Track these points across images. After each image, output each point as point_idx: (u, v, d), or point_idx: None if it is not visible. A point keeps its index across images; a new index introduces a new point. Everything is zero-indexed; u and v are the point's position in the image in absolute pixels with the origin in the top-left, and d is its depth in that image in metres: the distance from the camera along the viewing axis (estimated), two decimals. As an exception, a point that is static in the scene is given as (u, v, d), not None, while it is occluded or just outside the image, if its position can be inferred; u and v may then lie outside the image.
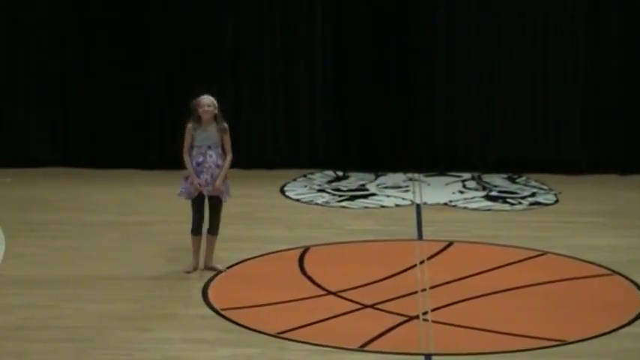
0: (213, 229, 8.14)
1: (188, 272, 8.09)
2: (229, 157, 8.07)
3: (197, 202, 8.08)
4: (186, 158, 8.07)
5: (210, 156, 8.00)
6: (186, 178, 8.08)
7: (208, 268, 8.15)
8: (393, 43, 11.22)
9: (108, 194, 10.46)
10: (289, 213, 9.86)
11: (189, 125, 8.05)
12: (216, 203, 8.10)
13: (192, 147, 8.05)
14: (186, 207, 10.01)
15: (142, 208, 9.99)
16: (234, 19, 11.24)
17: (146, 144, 11.39)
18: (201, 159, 8.01)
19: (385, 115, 11.30)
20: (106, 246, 8.86)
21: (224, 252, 8.62)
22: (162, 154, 11.37)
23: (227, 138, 8.07)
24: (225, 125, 8.09)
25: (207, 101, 8.06)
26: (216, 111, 8.05)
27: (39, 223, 9.51)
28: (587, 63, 11.12)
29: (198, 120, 8.03)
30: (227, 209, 9.96)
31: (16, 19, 11.26)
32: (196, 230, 8.12)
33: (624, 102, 11.13)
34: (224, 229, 9.28)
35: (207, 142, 8.01)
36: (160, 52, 11.26)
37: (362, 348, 6.83)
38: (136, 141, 11.38)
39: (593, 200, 10.31)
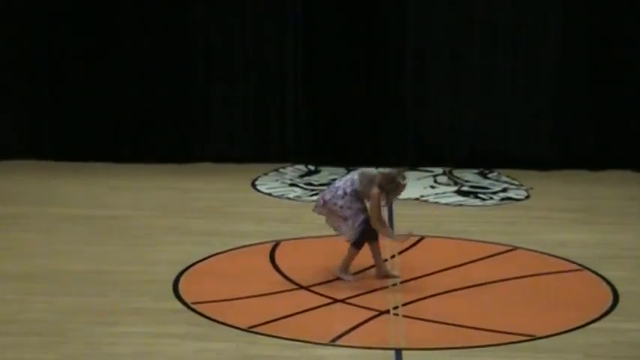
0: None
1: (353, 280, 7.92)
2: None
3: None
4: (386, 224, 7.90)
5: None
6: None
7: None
8: (364, 39, 11.21)
9: (76, 187, 10.38)
10: (260, 207, 9.83)
11: (381, 195, 7.67)
12: None
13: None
14: (155, 201, 9.98)
15: (112, 202, 9.93)
16: (204, 12, 11.18)
17: (117, 137, 11.32)
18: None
19: (356, 110, 11.29)
20: (75, 240, 8.79)
21: (194, 246, 8.58)
22: (133, 147, 11.30)
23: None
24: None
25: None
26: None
27: (5, 216, 9.42)
28: (558, 59, 11.15)
29: (394, 194, 7.76)
30: (198, 203, 9.97)
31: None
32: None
33: (594, 98, 11.17)
34: (193, 223, 9.26)
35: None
36: (131, 43, 11.18)
37: (332, 342, 6.82)
38: (107, 133, 11.30)
39: (563, 196, 10.35)
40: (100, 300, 7.46)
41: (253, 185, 10.58)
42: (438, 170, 11.13)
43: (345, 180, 7.94)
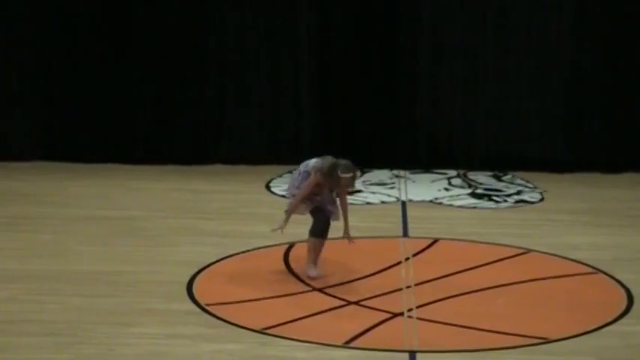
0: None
1: (317, 276, 7.95)
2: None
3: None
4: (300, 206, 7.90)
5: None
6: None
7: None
8: (378, 40, 11.21)
9: (90, 188, 10.41)
10: (274, 208, 9.82)
11: (317, 181, 7.74)
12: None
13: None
14: (169, 202, 10.00)
15: (126, 203, 9.95)
16: (219, 14, 11.20)
17: (130, 138, 11.34)
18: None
19: (370, 112, 11.29)
20: (89, 240, 8.81)
21: (208, 247, 8.59)
22: (147, 148, 11.33)
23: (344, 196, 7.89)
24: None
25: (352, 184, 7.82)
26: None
27: (20, 217, 9.45)
28: (572, 61, 11.13)
29: (335, 186, 7.78)
30: (213, 204, 9.98)
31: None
32: (324, 231, 7.98)
33: (608, 100, 11.15)
34: (207, 224, 9.27)
35: (326, 203, 7.88)
36: (145, 44, 11.20)
37: (346, 344, 6.81)
38: (120, 135, 11.33)
39: (576, 199, 10.33)
40: (113, 301, 7.48)
41: (267, 187, 10.59)
42: (452, 172, 11.13)
43: (306, 164, 7.94)
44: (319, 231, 7.91)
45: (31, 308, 7.31)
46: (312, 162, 7.90)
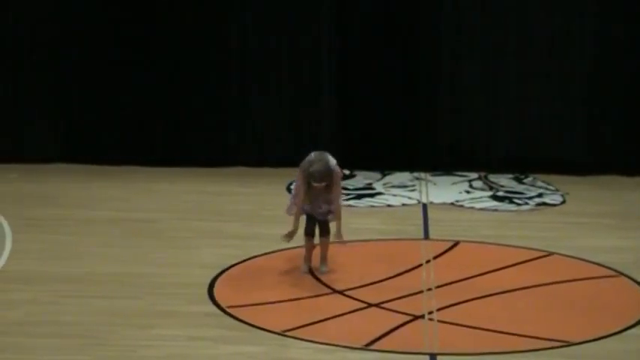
0: (325, 230, 8.00)
1: (304, 273, 8.02)
2: (338, 210, 7.91)
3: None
4: (298, 216, 7.93)
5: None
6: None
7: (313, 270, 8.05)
8: (399, 42, 11.20)
9: (111, 190, 10.44)
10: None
11: (301, 184, 7.83)
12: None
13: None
14: (190, 204, 10.03)
15: (145, 205, 9.98)
16: (239, 17, 11.22)
17: (149, 140, 11.37)
18: (310, 210, 7.96)
19: (391, 114, 11.27)
20: (110, 242, 8.84)
21: (229, 249, 8.61)
22: (165, 150, 11.35)
23: (337, 185, 7.90)
24: (337, 173, 7.88)
25: (320, 177, 7.75)
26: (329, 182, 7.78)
27: (42, 218, 9.50)
28: (594, 63, 11.08)
29: (309, 186, 7.81)
30: (234, 206, 9.99)
31: (18, 17, 11.24)
32: (309, 230, 8.01)
33: (630, 102, 11.09)
34: (228, 226, 9.28)
35: (318, 201, 7.90)
36: (166, 47, 11.23)
37: (367, 347, 6.81)
38: (140, 137, 11.35)
39: (599, 201, 10.28)
40: (134, 302, 7.50)
41: (288, 189, 10.59)
42: (473, 175, 11.10)
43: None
44: (307, 230, 7.98)
45: (52, 310, 7.34)
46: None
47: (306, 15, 11.20)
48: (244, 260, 8.39)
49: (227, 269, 8.20)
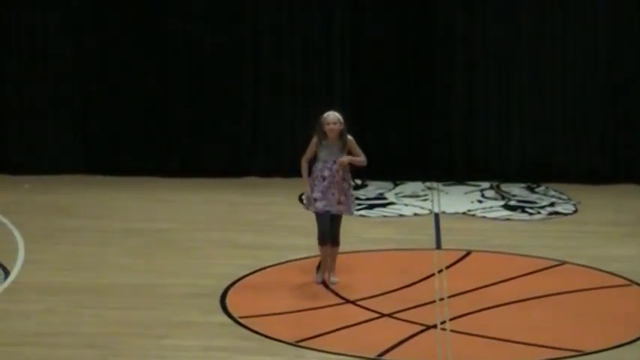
0: (334, 241, 8.05)
1: (318, 283, 8.06)
2: (363, 157, 8.00)
3: (321, 214, 7.99)
4: (304, 166, 7.98)
5: (338, 171, 7.91)
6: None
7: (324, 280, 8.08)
8: (412, 52, 11.23)
9: (128, 201, 10.50)
10: (307, 221, 9.86)
11: (315, 139, 7.94)
12: (336, 216, 8.01)
13: (314, 159, 7.93)
14: (204, 214, 10.07)
15: (162, 216, 10.03)
16: (252, 29, 11.27)
17: (166, 151, 11.43)
18: (327, 173, 7.93)
19: (404, 124, 11.31)
20: (125, 253, 8.89)
21: (242, 259, 8.64)
22: (182, 161, 11.41)
23: (355, 148, 7.99)
24: (350, 138, 7.99)
25: (334, 118, 7.94)
26: (342, 127, 7.93)
27: (59, 229, 9.55)
28: (608, 71, 11.09)
29: (324, 136, 7.92)
30: (247, 216, 10.03)
31: (33, 27, 11.32)
32: (322, 240, 8.04)
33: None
34: (242, 236, 9.32)
35: (332, 157, 7.93)
36: (180, 59, 11.30)
37: (379, 357, 6.83)
38: (156, 148, 11.42)
39: (611, 210, 10.28)
40: (149, 313, 7.54)
41: (301, 200, 10.62)
42: (485, 184, 11.12)
43: None
44: (320, 239, 8.00)
45: (69, 320, 7.38)
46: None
47: (320, 23, 11.24)
48: (257, 270, 8.43)
49: (240, 279, 8.23)
